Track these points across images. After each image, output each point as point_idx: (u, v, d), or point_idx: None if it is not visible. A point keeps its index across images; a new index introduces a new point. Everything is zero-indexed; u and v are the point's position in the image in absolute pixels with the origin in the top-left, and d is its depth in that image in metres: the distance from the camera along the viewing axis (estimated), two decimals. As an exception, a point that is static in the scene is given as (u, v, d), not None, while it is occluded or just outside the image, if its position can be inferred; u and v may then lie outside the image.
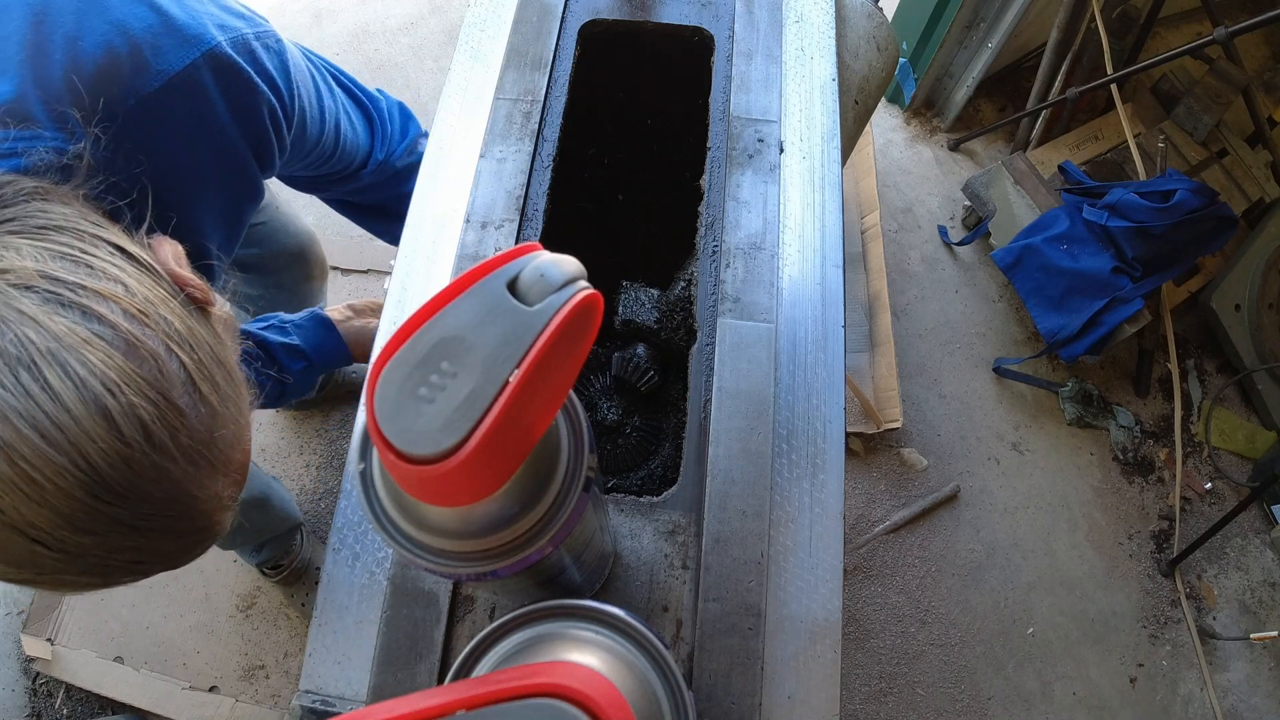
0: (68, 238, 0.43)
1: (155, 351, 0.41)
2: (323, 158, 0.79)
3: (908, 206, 2.05)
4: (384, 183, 0.92)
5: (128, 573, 0.43)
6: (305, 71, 0.71)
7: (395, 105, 0.91)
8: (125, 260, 0.45)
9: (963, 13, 1.84)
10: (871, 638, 1.61)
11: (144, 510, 0.40)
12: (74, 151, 0.50)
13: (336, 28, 2.20)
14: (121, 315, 0.41)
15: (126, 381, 0.39)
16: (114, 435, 0.38)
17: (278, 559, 1.49)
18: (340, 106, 0.80)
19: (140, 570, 0.43)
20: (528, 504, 0.34)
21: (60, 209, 0.45)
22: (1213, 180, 1.90)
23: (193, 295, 0.48)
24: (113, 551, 0.40)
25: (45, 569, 0.40)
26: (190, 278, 0.48)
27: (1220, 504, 1.83)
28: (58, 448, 0.37)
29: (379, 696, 0.56)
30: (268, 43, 0.64)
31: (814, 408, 0.67)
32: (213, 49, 0.58)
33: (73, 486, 0.38)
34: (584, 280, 0.30)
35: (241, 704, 1.46)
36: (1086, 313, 1.66)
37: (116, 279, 0.43)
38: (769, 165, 0.77)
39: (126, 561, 0.42)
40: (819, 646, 0.59)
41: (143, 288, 0.44)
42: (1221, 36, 1.41)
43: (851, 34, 0.98)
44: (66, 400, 0.37)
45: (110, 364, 0.39)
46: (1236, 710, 1.63)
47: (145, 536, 0.41)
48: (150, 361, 0.41)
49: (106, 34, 0.54)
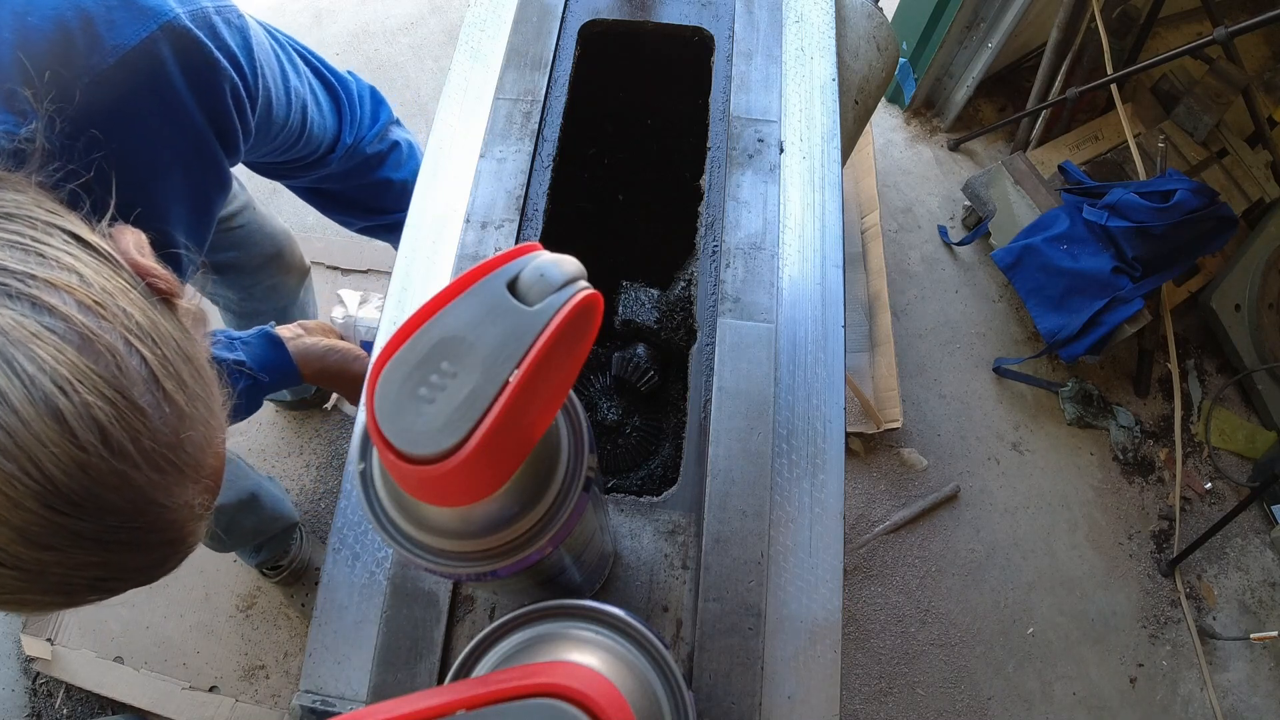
0: (18, 225, 0.39)
1: (113, 346, 0.37)
2: (289, 141, 0.76)
3: (908, 206, 2.05)
4: (353, 169, 0.89)
5: (94, 590, 0.40)
6: (269, 50, 0.69)
7: (366, 89, 0.89)
8: (81, 249, 0.41)
9: (963, 13, 1.84)
10: (871, 638, 1.61)
11: (106, 522, 0.37)
12: (26, 134, 0.47)
13: (336, 28, 2.20)
14: (75, 307, 0.37)
15: (80, 379, 0.35)
16: (67, 439, 0.35)
17: (276, 559, 1.49)
18: (307, 87, 0.77)
19: (107, 588, 0.40)
20: (528, 504, 0.34)
21: (11, 195, 0.41)
22: (1213, 180, 1.90)
23: (156, 286, 0.44)
24: (75, 568, 0.37)
25: (4, 589, 0.36)
26: (154, 267, 0.45)
27: (1220, 504, 1.83)
28: (5, 453, 0.33)
29: (379, 696, 0.56)
30: (229, 17, 0.61)
31: (814, 408, 0.67)
32: (170, 21, 0.55)
33: (24, 497, 0.34)
34: (584, 280, 0.30)
35: (241, 704, 1.46)
36: (1086, 313, 1.66)
37: (71, 269, 0.39)
38: (769, 165, 0.77)
39: (91, 579, 0.38)
40: (819, 646, 0.59)
41: (100, 278, 0.40)
42: (1221, 36, 1.41)
43: (851, 34, 0.98)
44: (13, 400, 0.34)
45: (62, 359, 0.35)
46: (1236, 710, 1.63)
47: (110, 551, 0.38)
48: (107, 357, 0.37)
49: (57, 7, 0.51)
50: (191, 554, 0.44)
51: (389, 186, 0.94)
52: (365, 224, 1.00)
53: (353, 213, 0.98)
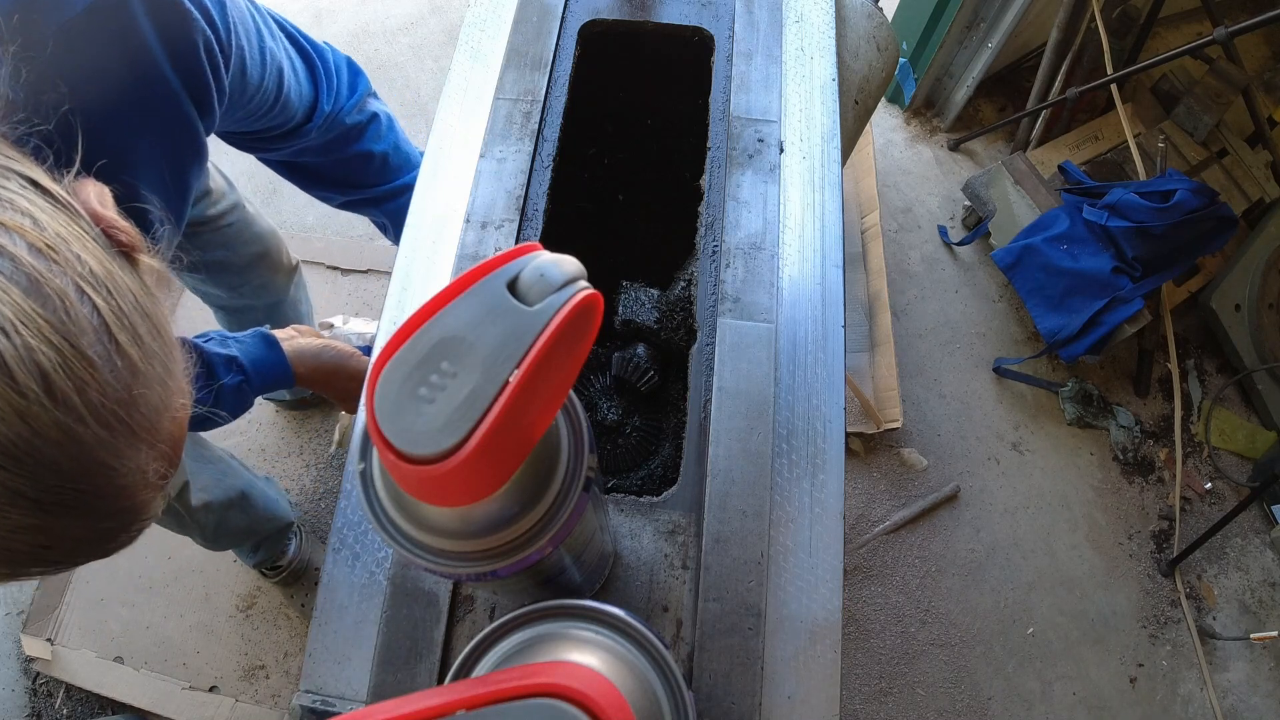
0: None
1: (63, 291, 0.35)
2: (264, 106, 0.75)
3: (908, 206, 2.05)
4: (333, 141, 0.88)
5: (37, 561, 0.37)
6: (243, 8, 0.68)
7: (343, 60, 0.88)
8: (38, 194, 0.39)
9: (963, 13, 1.84)
10: (871, 638, 1.61)
11: (46, 481, 0.34)
12: None
13: (336, 28, 2.20)
14: (25, 249, 0.35)
15: (23, 320, 0.33)
16: (6, 383, 0.32)
17: (275, 559, 1.49)
18: (283, 52, 0.76)
19: (51, 560, 0.37)
20: (528, 504, 0.34)
21: None
22: (1213, 180, 1.90)
23: (117, 238, 0.42)
24: (12, 532, 0.34)
25: None
26: (114, 219, 0.42)
27: (1220, 504, 1.83)
28: None
29: (379, 696, 0.56)
30: None
31: (814, 408, 0.67)
32: None
33: None
34: (584, 280, 0.30)
35: (241, 704, 1.46)
36: (1086, 313, 1.66)
37: (25, 212, 0.37)
38: (769, 165, 0.77)
39: (31, 546, 0.36)
40: (819, 646, 0.59)
41: (55, 224, 0.38)
42: (1221, 36, 1.41)
43: (851, 34, 0.98)
44: None
45: (5, 300, 0.33)
46: (1236, 710, 1.63)
47: (50, 514, 0.35)
48: (55, 301, 0.34)
49: None
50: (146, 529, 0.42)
51: (370, 159, 0.93)
52: (347, 199, 0.99)
53: (334, 188, 0.97)
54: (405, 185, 0.98)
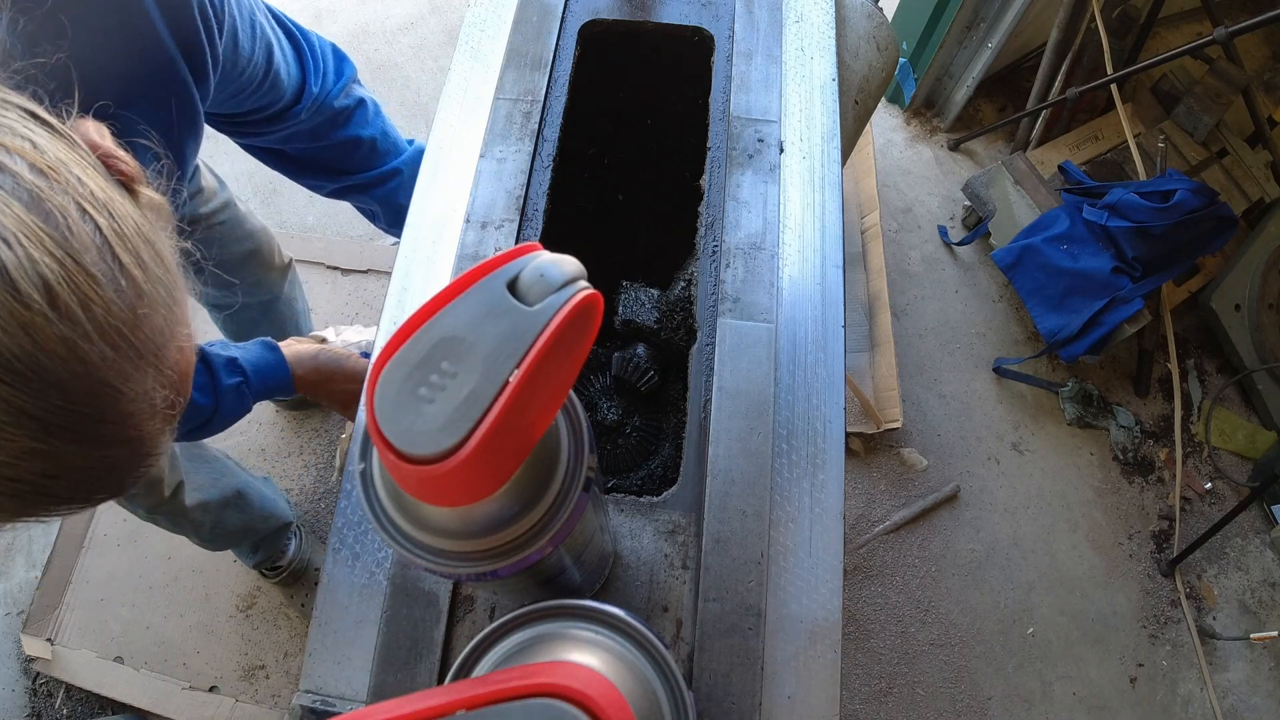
0: None
1: (64, 207, 0.34)
2: (254, 81, 0.76)
3: (908, 206, 2.05)
4: (321, 126, 0.90)
5: (41, 494, 0.36)
6: None
7: (329, 45, 0.90)
8: (37, 124, 0.38)
9: (963, 13, 1.84)
10: (871, 638, 1.61)
11: (52, 400, 0.33)
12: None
13: (336, 28, 2.20)
14: (26, 168, 0.34)
15: (25, 233, 0.32)
16: (9, 292, 0.31)
17: (274, 559, 1.49)
18: (271, 29, 0.78)
19: (56, 492, 0.36)
20: (528, 504, 0.34)
21: None
22: (1213, 180, 1.90)
23: (117, 168, 0.41)
24: (17, 457, 0.33)
25: None
26: (114, 150, 0.42)
27: (1220, 504, 1.83)
28: None
29: (379, 696, 0.56)
30: None
31: (814, 408, 0.67)
32: None
33: None
34: (584, 280, 0.30)
35: (241, 704, 1.46)
36: (1086, 313, 1.66)
37: (25, 137, 0.36)
38: (769, 165, 0.77)
39: (37, 475, 0.34)
40: (819, 646, 0.59)
41: (55, 149, 0.37)
42: (1221, 36, 1.41)
43: (851, 34, 0.98)
44: None
45: (7, 213, 0.32)
46: (1236, 710, 1.63)
47: (55, 437, 0.34)
48: (58, 217, 0.34)
49: None
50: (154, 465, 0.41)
51: (358, 144, 0.95)
52: (337, 185, 1.00)
53: (325, 175, 0.99)
54: (394, 170, 1.00)
